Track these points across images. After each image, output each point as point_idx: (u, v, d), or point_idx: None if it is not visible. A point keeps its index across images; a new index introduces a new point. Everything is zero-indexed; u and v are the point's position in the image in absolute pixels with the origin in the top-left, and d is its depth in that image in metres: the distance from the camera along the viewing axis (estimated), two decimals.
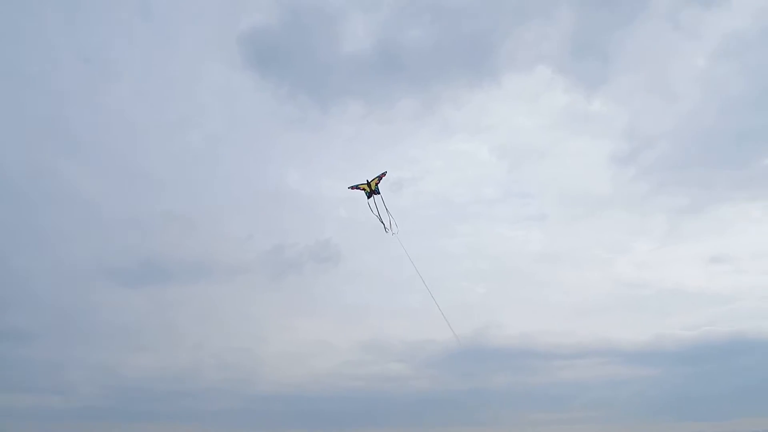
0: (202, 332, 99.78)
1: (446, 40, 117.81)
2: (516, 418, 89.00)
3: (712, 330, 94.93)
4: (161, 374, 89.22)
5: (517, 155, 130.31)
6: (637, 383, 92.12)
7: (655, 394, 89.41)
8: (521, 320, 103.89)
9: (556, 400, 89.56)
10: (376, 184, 34.32)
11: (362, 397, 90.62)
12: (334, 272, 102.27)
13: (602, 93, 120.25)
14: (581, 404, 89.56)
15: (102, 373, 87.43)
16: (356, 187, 34.60)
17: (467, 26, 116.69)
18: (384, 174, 34.73)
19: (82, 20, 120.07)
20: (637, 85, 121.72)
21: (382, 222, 33.81)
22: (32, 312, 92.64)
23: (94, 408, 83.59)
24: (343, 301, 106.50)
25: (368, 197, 34.29)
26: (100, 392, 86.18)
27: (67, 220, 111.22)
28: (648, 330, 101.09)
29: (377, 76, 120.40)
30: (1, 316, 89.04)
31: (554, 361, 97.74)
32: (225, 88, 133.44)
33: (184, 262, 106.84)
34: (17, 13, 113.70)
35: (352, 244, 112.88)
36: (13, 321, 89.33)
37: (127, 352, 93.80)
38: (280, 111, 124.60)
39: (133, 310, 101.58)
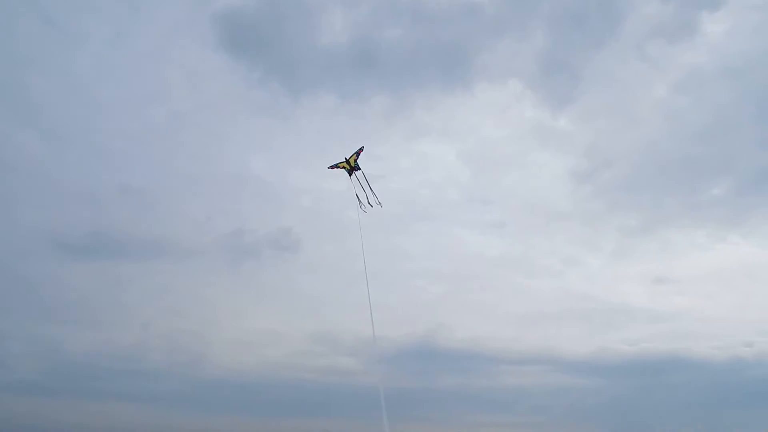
0: (153, 312, 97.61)
1: (423, 44, 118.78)
2: (461, 418, 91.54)
3: (650, 346, 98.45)
4: (107, 352, 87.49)
5: (482, 162, 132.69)
6: (578, 392, 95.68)
7: (593, 404, 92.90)
8: (472, 323, 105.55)
9: (499, 403, 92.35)
10: (355, 161, 34.46)
11: (311, 388, 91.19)
12: (293, 261, 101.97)
13: (568, 111, 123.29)
14: (523, 409, 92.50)
15: (44, 347, 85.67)
16: (336, 166, 34.68)
17: (445, 33, 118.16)
18: (361, 149, 34.82)
19: None
20: (602, 107, 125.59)
21: (359, 201, 34.18)
22: None
23: (33, 382, 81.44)
24: (299, 291, 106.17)
25: (350, 174, 34.42)
26: (40, 366, 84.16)
27: (18, 186, 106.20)
28: (591, 342, 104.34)
29: (352, 71, 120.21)
30: None
31: (500, 366, 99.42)
32: (194, 68, 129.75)
33: (139, 238, 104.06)
34: None
35: (314, 234, 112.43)
36: None
37: (72, 327, 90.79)
38: (250, 96, 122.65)
39: (81, 284, 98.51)
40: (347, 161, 34.53)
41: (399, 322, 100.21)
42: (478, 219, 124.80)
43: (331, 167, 34.86)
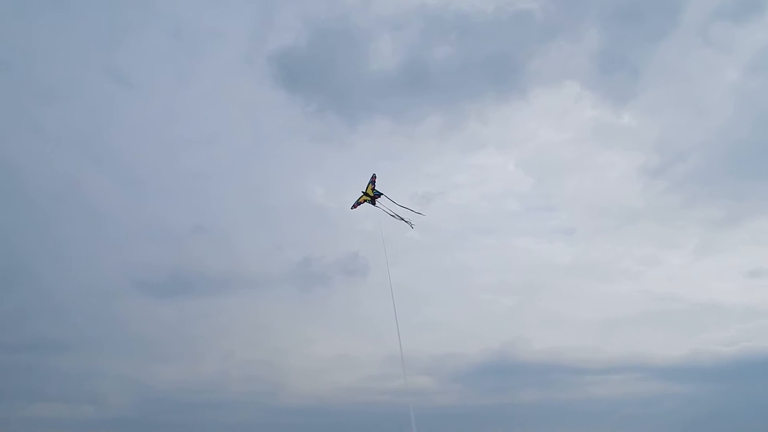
0: (228, 345, 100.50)
1: (472, 58, 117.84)
2: None
3: (751, 345, 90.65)
4: (187, 386, 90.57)
5: (543, 169, 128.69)
6: (672, 400, 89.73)
7: (690, 411, 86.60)
8: (550, 334, 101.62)
9: (586, 415, 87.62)
10: (372, 190, 34.50)
11: (386, 411, 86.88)
12: (362, 285, 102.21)
13: (631, 107, 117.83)
14: (613, 421, 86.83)
15: (131, 384, 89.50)
16: (357, 203, 34.81)
17: (493, 44, 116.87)
18: (374, 176, 34.80)
19: (113, 38, 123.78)
20: (668, 99, 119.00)
21: (402, 219, 33.68)
22: (64, 324, 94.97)
23: (124, 418, 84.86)
24: (368, 314, 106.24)
25: (373, 204, 34.54)
26: (129, 402, 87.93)
27: (98, 233, 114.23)
28: (683, 345, 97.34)
29: (404, 93, 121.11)
30: (35, 328, 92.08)
31: (584, 377, 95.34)
32: (253, 106, 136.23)
33: (213, 274, 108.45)
34: (48, 31, 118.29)
35: (379, 257, 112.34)
36: (46, 332, 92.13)
37: (154, 364, 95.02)
38: (308, 127, 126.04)
39: (160, 321, 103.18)
40: (365, 194, 34.71)
41: (472, 339, 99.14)
42: (543, 227, 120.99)
43: (354, 206, 34.97)
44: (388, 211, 33.95)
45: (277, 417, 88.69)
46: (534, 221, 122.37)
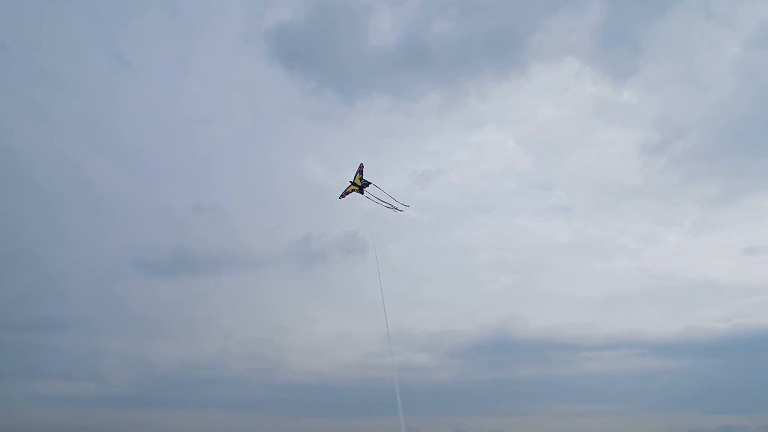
0: (229, 322, 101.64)
1: (473, 33, 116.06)
2: (542, 408, 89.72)
3: (745, 322, 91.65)
4: (189, 363, 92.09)
5: (543, 147, 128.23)
6: (667, 375, 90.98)
7: (685, 386, 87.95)
8: (547, 312, 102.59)
9: (583, 391, 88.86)
10: (360, 179, 34.63)
11: (386, 387, 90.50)
12: (361, 264, 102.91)
13: (632, 83, 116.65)
14: (609, 396, 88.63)
15: (133, 362, 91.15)
16: (345, 193, 34.90)
17: (494, 19, 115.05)
18: (362, 166, 34.96)
19: (111, 21, 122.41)
20: (669, 75, 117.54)
21: (390, 206, 34.27)
22: (66, 304, 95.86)
23: (127, 395, 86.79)
24: (368, 292, 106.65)
25: (362, 193, 34.82)
26: (131, 380, 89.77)
27: (98, 214, 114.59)
28: (678, 322, 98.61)
29: (403, 69, 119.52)
30: (38, 308, 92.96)
31: (581, 353, 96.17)
32: (252, 85, 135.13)
33: (213, 253, 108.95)
34: (47, 15, 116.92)
35: (377, 236, 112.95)
36: (49, 312, 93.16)
37: (156, 341, 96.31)
38: (307, 105, 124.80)
39: (162, 300, 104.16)
40: (353, 183, 34.78)
41: (470, 317, 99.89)
42: (542, 205, 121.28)
43: (342, 196, 35.12)
44: (375, 199, 34.38)
45: (279, 393, 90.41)
46: (533, 199, 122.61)
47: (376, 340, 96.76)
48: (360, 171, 34.78)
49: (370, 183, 34.52)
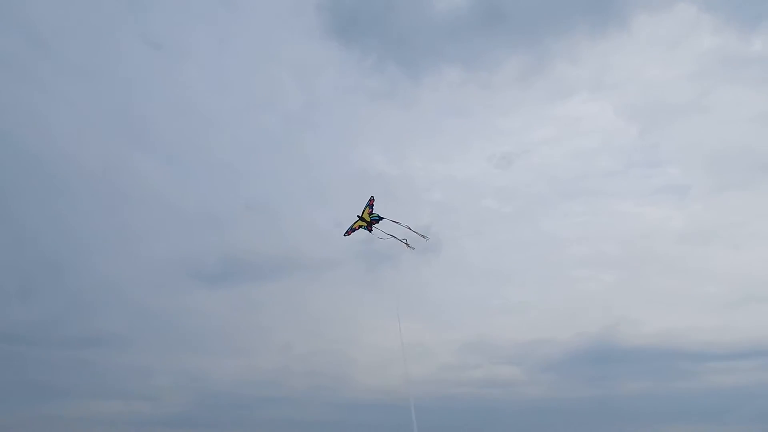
0: (291, 334, 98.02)
1: None
2: (654, 430, 78.91)
3: None
4: (247, 380, 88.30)
5: (650, 115, 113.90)
6: None
7: None
8: (662, 314, 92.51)
9: (706, 410, 77.37)
10: (369, 214, 33.40)
11: (466, 406, 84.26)
12: (435, 264, 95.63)
13: (765, 29, 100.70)
14: (742, 416, 75.58)
15: (189, 379, 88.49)
16: (351, 230, 33.65)
17: None
18: (372, 199, 33.79)
19: (146, 4, 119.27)
20: None
21: (402, 241, 32.39)
22: (119, 316, 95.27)
23: (182, 415, 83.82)
24: (442, 296, 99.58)
25: (369, 231, 33.32)
26: (187, 399, 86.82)
27: (147, 218, 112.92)
28: None
29: (477, 35, 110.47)
30: (91, 322, 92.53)
31: (705, 363, 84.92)
32: (303, 63, 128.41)
33: (269, 256, 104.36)
34: (77, 5, 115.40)
35: (450, 231, 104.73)
36: (104, 325, 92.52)
37: (212, 357, 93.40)
38: (365, 84, 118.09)
39: (217, 312, 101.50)
40: (361, 218, 33.42)
41: (565, 322, 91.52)
42: (648, 186, 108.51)
43: (347, 233, 33.72)
44: (385, 236, 32.93)
45: (344, 413, 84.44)
46: (637, 179, 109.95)
47: (451, 351, 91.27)
48: (370, 205, 33.48)
49: (382, 218, 33.07)
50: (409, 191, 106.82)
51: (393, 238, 32.86)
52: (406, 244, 32.78)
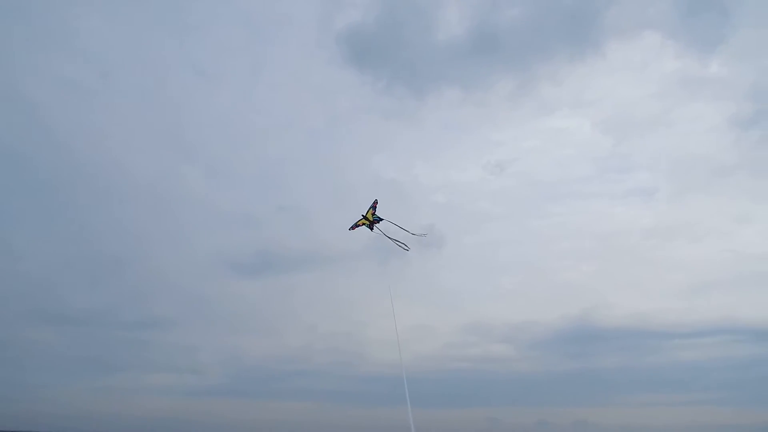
0: (312, 318, 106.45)
1: (545, 16, 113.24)
2: (629, 399, 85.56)
3: None
4: (278, 356, 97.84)
5: (622, 128, 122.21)
6: None
7: None
8: (633, 299, 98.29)
9: (673, 381, 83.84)
10: (372, 215, 34.52)
11: (466, 377, 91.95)
12: (438, 257, 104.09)
13: (720, 53, 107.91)
14: (702, 386, 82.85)
15: (229, 355, 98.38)
16: (356, 226, 34.54)
17: None
18: (375, 202, 34.78)
19: (192, 37, 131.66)
20: (763, 40, 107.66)
21: (400, 244, 33.59)
22: (170, 302, 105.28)
23: (223, 386, 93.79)
24: (445, 284, 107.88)
25: (371, 229, 34.43)
26: (227, 372, 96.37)
27: (193, 219, 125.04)
28: None
29: (473, 60, 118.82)
30: (147, 307, 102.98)
31: (671, 341, 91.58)
32: (324, 87, 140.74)
33: (297, 251, 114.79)
34: (139, 39, 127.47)
35: (452, 229, 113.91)
36: (157, 310, 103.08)
37: (249, 336, 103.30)
38: (378, 104, 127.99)
39: (253, 298, 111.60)
40: (364, 217, 34.50)
41: (550, 306, 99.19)
42: (622, 189, 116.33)
43: (352, 228, 34.93)
44: (385, 235, 34.32)
45: (359, 384, 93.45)
46: (612, 183, 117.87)
47: (453, 331, 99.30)
48: (373, 207, 34.83)
49: (382, 219, 34.57)
50: (416, 194, 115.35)
51: (389, 239, 33.47)
52: (401, 245, 33.36)
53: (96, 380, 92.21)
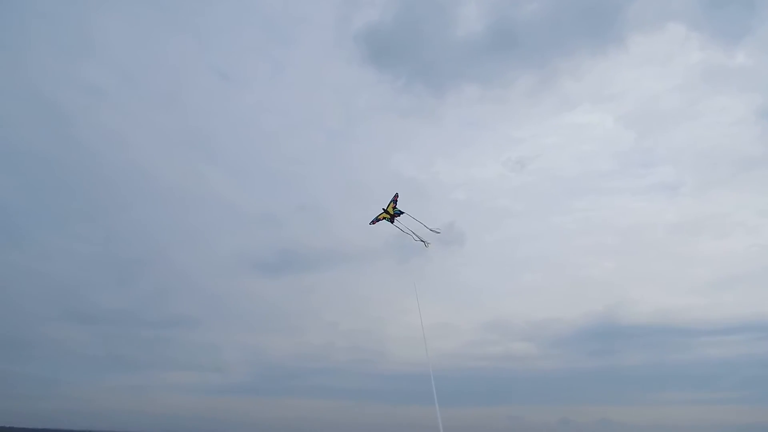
0: (333, 316, 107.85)
1: (565, 10, 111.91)
2: (653, 397, 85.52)
3: None
4: (299, 354, 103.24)
5: (645, 122, 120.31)
6: None
7: None
8: (657, 296, 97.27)
9: (698, 379, 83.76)
10: (393, 208, 34.78)
11: (487, 375, 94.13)
12: (459, 254, 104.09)
13: (746, 44, 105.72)
14: (730, 384, 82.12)
15: (250, 354, 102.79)
16: (377, 219, 34.96)
17: None
18: (396, 196, 35.14)
19: (215, 42, 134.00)
20: None
21: (418, 239, 33.85)
22: (193, 302, 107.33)
23: (245, 383, 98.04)
24: (465, 283, 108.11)
25: (391, 222, 34.75)
26: (249, 370, 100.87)
27: (215, 219, 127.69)
28: None
29: (492, 57, 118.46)
30: (170, 307, 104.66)
31: (698, 338, 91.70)
32: (344, 87, 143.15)
33: (318, 249, 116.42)
34: (163, 44, 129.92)
35: (472, 226, 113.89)
36: (181, 310, 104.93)
37: (270, 335, 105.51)
38: (397, 102, 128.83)
39: (274, 296, 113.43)
40: (386, 211, 34.81)
41: (573, 303, 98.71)
42: (645, 184, 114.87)
43: (373, 222, 35.23)
44: (404, 230, 34.48)
45: (380, 382, 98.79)
46: (634, 178, 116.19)
47: (475, 329, 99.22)
48: (394, 200, 35.14)
49: (402, 213, 34.87)
50: (436, 192, 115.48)
51: (410, 234, 33.56)
52: (420, 239, 33.70)
53: (121, 378, 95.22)
